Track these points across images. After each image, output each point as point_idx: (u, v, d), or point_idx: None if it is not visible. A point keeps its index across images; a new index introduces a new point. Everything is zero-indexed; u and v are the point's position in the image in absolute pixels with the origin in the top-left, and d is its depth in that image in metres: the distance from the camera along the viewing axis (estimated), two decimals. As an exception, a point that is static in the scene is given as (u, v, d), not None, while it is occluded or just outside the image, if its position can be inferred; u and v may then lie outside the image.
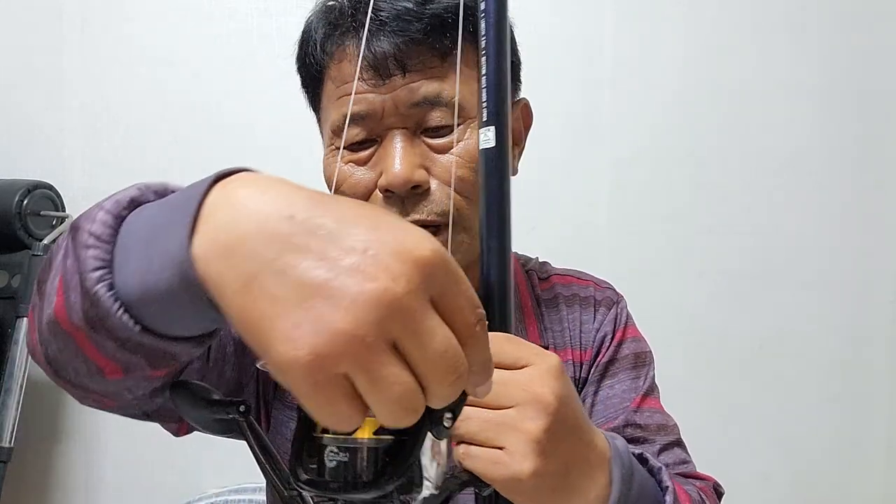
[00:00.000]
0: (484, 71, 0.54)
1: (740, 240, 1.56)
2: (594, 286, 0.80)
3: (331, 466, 0.35)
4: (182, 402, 0.45)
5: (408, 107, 0.63)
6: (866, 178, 1.55)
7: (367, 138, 0.65)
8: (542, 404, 0.46)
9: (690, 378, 1.52)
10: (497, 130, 0.53)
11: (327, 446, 0.35)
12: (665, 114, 1.56)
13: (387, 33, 0.62)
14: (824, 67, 1.55)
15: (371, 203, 0.66)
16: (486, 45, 0.54)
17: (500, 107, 0.54)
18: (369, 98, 0.64)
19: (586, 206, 1.56)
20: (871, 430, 1.56)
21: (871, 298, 1.56)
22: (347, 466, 0.34)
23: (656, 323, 0.85)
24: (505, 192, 0.54)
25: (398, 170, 0.62)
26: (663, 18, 1.56)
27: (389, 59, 0.62)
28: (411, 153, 0.64)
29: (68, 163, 1.64)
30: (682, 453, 0.73)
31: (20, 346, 1.46)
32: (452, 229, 0.65)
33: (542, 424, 0.46)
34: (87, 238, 0.38)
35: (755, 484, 1.54)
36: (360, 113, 0.64)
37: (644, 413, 0.73)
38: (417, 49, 0.63)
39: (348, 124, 0.65)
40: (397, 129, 0.64)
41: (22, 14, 1.64)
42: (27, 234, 1.52)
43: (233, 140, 1.58)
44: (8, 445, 1.45)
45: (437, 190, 0.64)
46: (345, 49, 0.65)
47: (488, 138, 0.54)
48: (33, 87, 1.65)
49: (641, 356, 0.76)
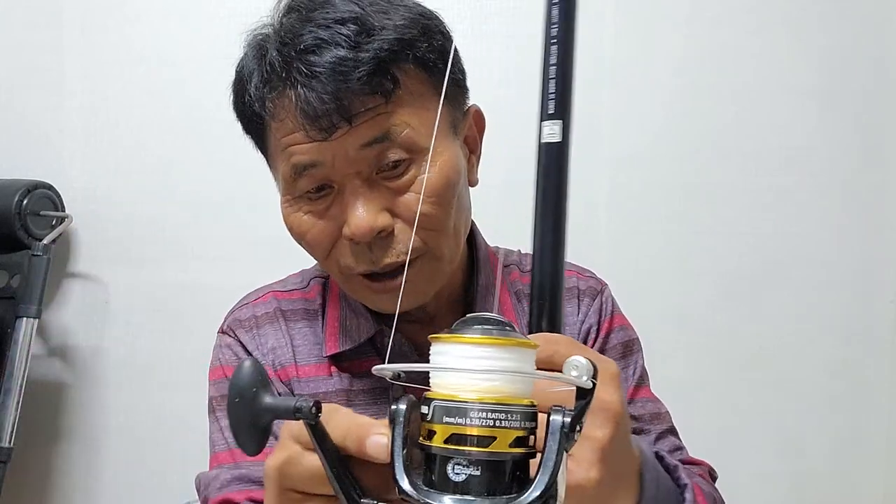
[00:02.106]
0: (553, 61, 0.51)
1: (740, 240, 1.56)
2: (577, 275, 0.79)
3: (458, 480, 0.33)
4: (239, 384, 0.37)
5: (356, 150, 0.61)
6: (866, 178, 1.55)
7: (321, 185, 0.64)
8: (611, 412, 0.45)
9: (690, 378, 1.52)
10: (563, 125, 0.51)
11: (451, 459, 0.33)
12: (665, 114, 1.56)
13: (324, 85, 0.59)
14: (824, 67, 1.54)
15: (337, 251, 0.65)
16: (558, 32, 0.52)
17: (566, 99, 0.51)
18: (315, 148, 0.61)
19: (586, 206, 1.56)
20: (871, 431, 1.56)
21: (871, 298, 1.55)
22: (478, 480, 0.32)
23: (656, 323, 0.85)
24: (563, 189, 0.52)
25: (360, 220, 0.61)
26: (663, 18, 1.56)
27: (333, 113, 0.59)
28: (370, 198, 0.62)
29: (68, 163, 1.64)
30: (676, 440, 0.74)
31: (20, 346, 1.46)
32: (424, 260, 0.65)
33: (609, 432, 0.45)
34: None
35: (755, 484, 1.54)
36: (308, 163, 0.62)
37: (637, 403, 0.73)
38: (359, 98, 0.60)
39: (299, 175, 0.63)
40: (352, 175, 0.62)
41: (22, 14, 1.64)
42: (27, 234, 1.52)
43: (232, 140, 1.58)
44: (8, 445, 1.44)
45: (402, 231, 0.63)
46: (283, 104, 0.62)
47: (554, 132, 0.51)
48: (33, 87, 1.65)
49: (629, 344, 0.76)
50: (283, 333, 0.75)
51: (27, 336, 1.47)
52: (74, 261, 1.66)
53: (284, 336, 0.75)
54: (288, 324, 0.76)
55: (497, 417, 0.33)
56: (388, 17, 0.62)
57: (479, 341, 0.34)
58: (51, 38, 1.64)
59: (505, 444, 0.33)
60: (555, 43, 0.52)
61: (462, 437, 0.33)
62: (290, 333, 0.75)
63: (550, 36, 0.52)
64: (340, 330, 0.73)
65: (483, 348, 0.34)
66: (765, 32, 1.55)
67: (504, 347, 0.34)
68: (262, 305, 0.78)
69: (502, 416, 0.33)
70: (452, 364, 0.34)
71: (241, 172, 1.58)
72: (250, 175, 1.64)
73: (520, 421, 0.33)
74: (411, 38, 0.62)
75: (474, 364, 0.34)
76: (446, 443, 0.33)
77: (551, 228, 0.52)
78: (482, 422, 0.33)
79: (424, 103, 0.64)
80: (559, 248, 0.52)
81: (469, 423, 0.33)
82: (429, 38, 0.64)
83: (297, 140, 0.62)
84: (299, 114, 0.60)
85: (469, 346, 0.34)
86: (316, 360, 0.73)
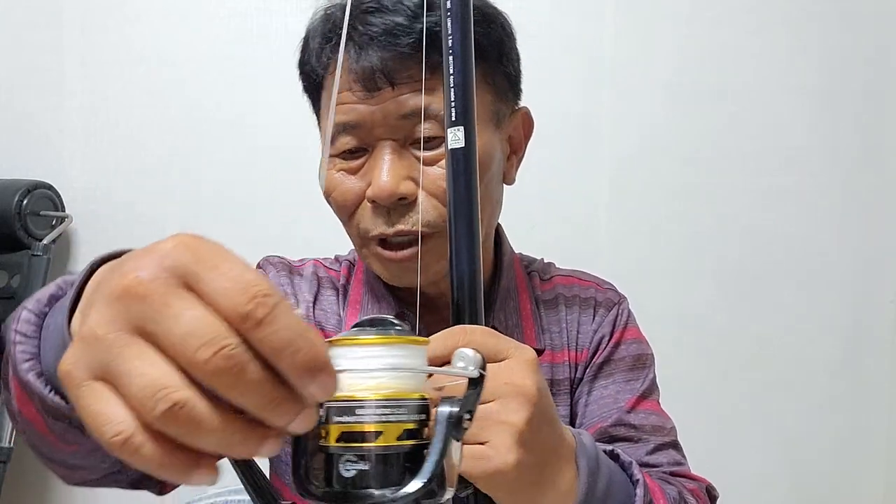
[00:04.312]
0: (451, 71, 0.54)
1: (740, 240, 1.56)
2: (596, 287, 0.80)
3: (348, 476, 0.33)
4: None
5: (396, 119, 0.64)
6: (866, 177, 1.55)
7: (359, 147, 0.66)
8: (526, 396, 0.46)
9: (690, 378, 1.52)
10: (465, 130, 0.53)
11: (342, 456, 0.34)
12: (665, 114, 1.56)
13: (376, 48, 0.63)
14: (824, 67, 1.54)
15: (359, 214, 0.67)
16: (453, 44, 0.54)
17: (467, 106, 0.54)
18: (359, 109, 0.64)
19: (586, 206, 1.56)
20: (871, 431, 1.56)
21: (871, 298, 1.56)
22: (368, 475, 0.33)
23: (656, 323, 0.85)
24: (473, 191, 0.54)
25: (384, 182, 0.63)
26: (663, 18, 1.56)
27: (378, 73, 0.63)
28: (398, 165, 0.64)
29: (68, 163, 1.64)
30: (677, 455, 0.73)
31: (20, 346, 1.46)
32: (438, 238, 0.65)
33: (525, 416, 0.46)
34: (15, 336, 0.43)
35: (755, 484, 1.54)
36: (351, 122, 0.65)
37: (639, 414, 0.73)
38: (406, 63, 0.63)
39: (340, 133, 0.66)
40: (386, 141, 0.65)
41: (22, 14, 1.64)
42: (27, 234, 1.53)
43: (232, 140, 1.58)
44: (8, 445, 1.45)
45: (424, 201, 0.65)
46: (337, 61, 0.65)
47: (458, 138, 0.53)
48: (33, 87, 1.65)
49: (641, 358, 0.76)
50: (315, 293, 0.77)
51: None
52: (74, 261, 1.66)
53: (316, 296, 0.77)
54: (321, 288, 0.78)
55: (384, 412, 0.34)
56: None
57: (367, 342, 0.35)
58: (51, 38, 1.64)
59: (393, 437, 0.34)
60: (451, 54, 0.54)
61: (351, 434, 0.34)
62: (321, 297, 0.77)
63: (447, 47, 0.54)
64: (361, 312, 0.75)
65: (370, 348, 0.35)
66: (765, 32, 1.55)
67: (392, 346, 0.35)
68: (299, 263, 0.81)
69: (389, 410, 0.34)
70: (346, 366, 0.34)
71: (241, 172, 1.58)
72: (250, 175, 1.65)
73: (408, 414, 0.34)
74: None
75: (364, 364, 0.34)
76: (338, 441, 0.34)
77: (465, 231, 0.54)
78: (369, 418, 0.34)
79: None
80: (474, 249, 0.53)
81: (356, 420, 0.34)
82: (487, 25, 0.67)
83: (343, 99, 0.65)
84: (350, 71, 0.64)
85: (358, 348, 0.35)
86: (333, 329, 0.75)
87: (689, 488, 0.66)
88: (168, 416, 0.26)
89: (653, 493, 0.57)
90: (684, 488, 0.65)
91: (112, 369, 0.27)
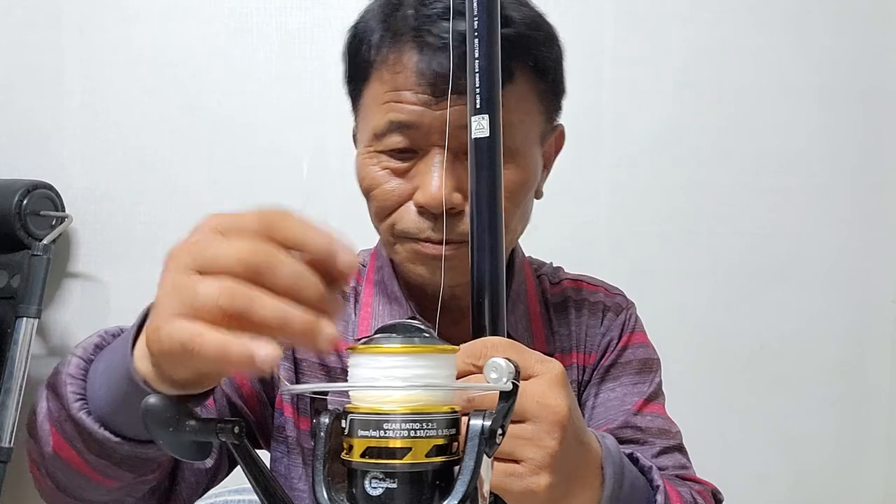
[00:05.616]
0: (476, 55, 0.51)
1: (740, 240, 1.56)
2: (604, 292, 0.80)
3: (375, 494, 0.32)
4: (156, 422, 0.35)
5: (455, 128, 0.61)
6: (867, 178, 1.55)
7: (409, 148, 0.64)
8: (558, 417, 0.46)
9: (690, 378, 1.52)
10: (490, 119, 0.51)
11: (368, 473, 0.32)
12: (665, 114, 1.56)
13: (448, 53, 0.60)
14: (825, 67, 1.54)
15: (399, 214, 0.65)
16: (478, 27, 0.51)
17: (492, 93, 0.51)
18: (419, 111, 0.62)
19: (586, 206, 1.56)
20: (871, 431, 1.56)
21: (871, 299, 1.55)
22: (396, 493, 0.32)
23: (656, 323, 0.85)
24: (497, 184, 0.52)
25: (436, 191, 0.61)
26: (663, 18, 1.56)
27: (446, 80, 0.60)
28: (451, 174, 0.62)
29: (68, 163, 1.64)
30: (682, 458, 0.73)
31: (20, 346, 1.46)
32: None
33: (558, 438, 0.46)
34: (66, 379, 0.49)
35: (755, 484, 1.54)
36: (407, 123, 0.63)
37: (645, 417, 0.73)
38: None
39: (392, 131, 0.63)
40: (441, 148, 0.62)
41: (22, 14, 1.64)
42: (27, 234, 1.52)
43: (232, 140, 1.58)
44: (8, 445, 1.45)
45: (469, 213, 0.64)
46: (401, 59, 0.63)
47: (482, 127, 0.51)
48: (33, 87, 1.65)
49: (648, 363, 0.76)
50: None
51: (27, 336, 1.47)
52: (74, 261, 1.66)
53: None
54: None
55: (413, 427, 0.32)
56: (520, 11, 0.64)
57: (393, 350, 0.33)
58: (50, 38, 1.63)
59: (422, 454, 0.32)
60: (477, 37, 0.52)
61: (377, 450, 0.32)
62: None
63: (473, 30, 0.52)
64: (373, 315, 0.73)
65: (397, 357, 0.33)
66: (765, 32, 1.55)
67: (419, 355, 0.33)
68: None
69: (418, 425, 0.32)
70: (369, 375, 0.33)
71: (241, 172, 1.58)
72: (250, 175, 1.65)
73: (438, 429, 0.33)
74: (536, 39, 0.64)
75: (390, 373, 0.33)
76: (363, 457, 0.32)
77: (487, 225, 0.51)
78: (396, 433, 0.32)
79: (528, 107, 0.65)
80: (497, 246, 0.51)
81: (383, 435, 0.32)
82: (549, 44, 0.66)
83: (402, 98, 0.63)
84: (415, 72, 0.61)
85: (383, 357, 0.33)
86: (343, 332, 0.74)
87: (697, 490, 0.66)
88: (232, 296, 0.34)
89: (671, 500, 0.58)
90: (694, 490, 0.65)
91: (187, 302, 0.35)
